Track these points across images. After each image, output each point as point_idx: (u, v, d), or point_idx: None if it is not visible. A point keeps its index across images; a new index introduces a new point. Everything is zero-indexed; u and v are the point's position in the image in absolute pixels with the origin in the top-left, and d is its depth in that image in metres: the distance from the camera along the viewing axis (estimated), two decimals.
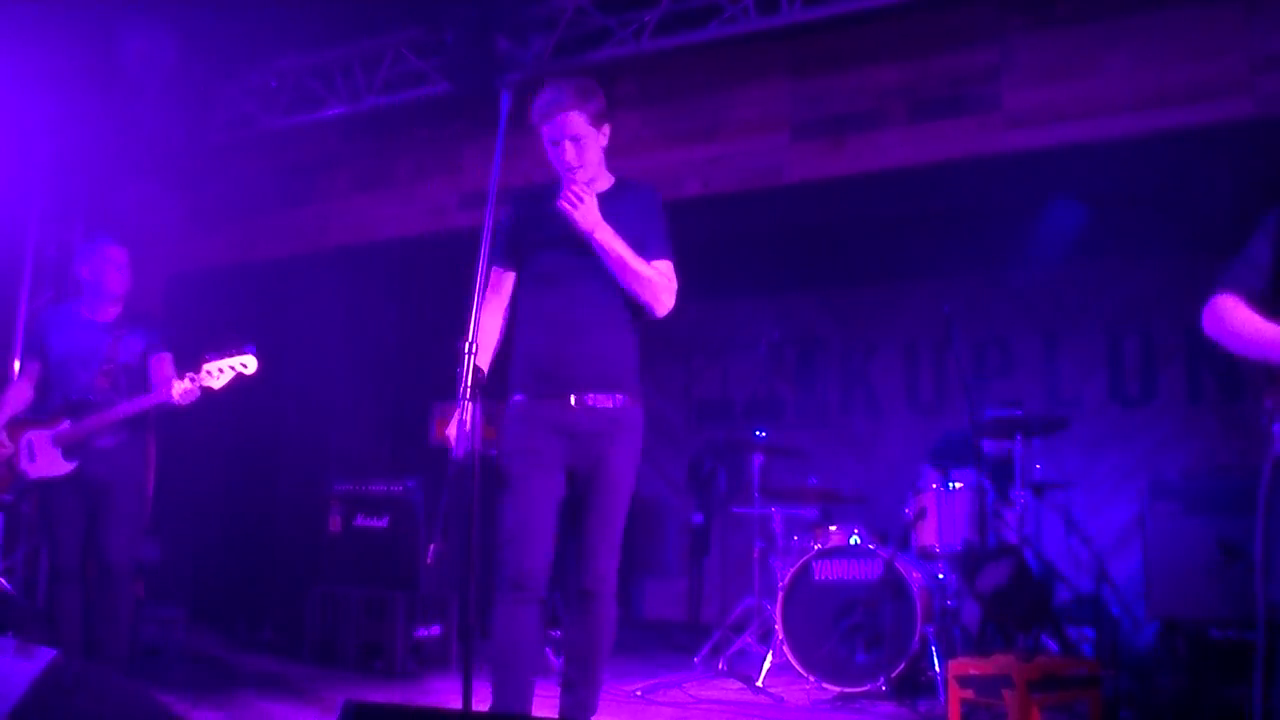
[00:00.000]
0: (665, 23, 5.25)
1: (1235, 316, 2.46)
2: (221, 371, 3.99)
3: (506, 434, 3.07)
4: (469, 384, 2.75)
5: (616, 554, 3.07)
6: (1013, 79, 4.85)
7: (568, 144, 3.04)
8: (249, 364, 4.03)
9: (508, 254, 3.18)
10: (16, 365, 6.33)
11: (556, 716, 3.07)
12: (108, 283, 4.26)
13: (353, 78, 6.04)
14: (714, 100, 5.53)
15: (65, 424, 4.11)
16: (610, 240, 3.00)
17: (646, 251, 3.08)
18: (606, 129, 3.11)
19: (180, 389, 3.96)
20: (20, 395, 4.32)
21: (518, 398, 3.08)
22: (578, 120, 3.03)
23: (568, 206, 3.00)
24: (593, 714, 3.07)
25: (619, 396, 3.05)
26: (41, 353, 4.29)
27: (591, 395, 3.01)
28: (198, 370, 3.99)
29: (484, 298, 2.89)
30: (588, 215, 2.99)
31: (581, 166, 3.06)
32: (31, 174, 6.64)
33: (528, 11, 5.34)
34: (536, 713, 2.97)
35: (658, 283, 3.06)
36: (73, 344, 4.23)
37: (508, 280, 3.19)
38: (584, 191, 3.01)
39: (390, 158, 6.43)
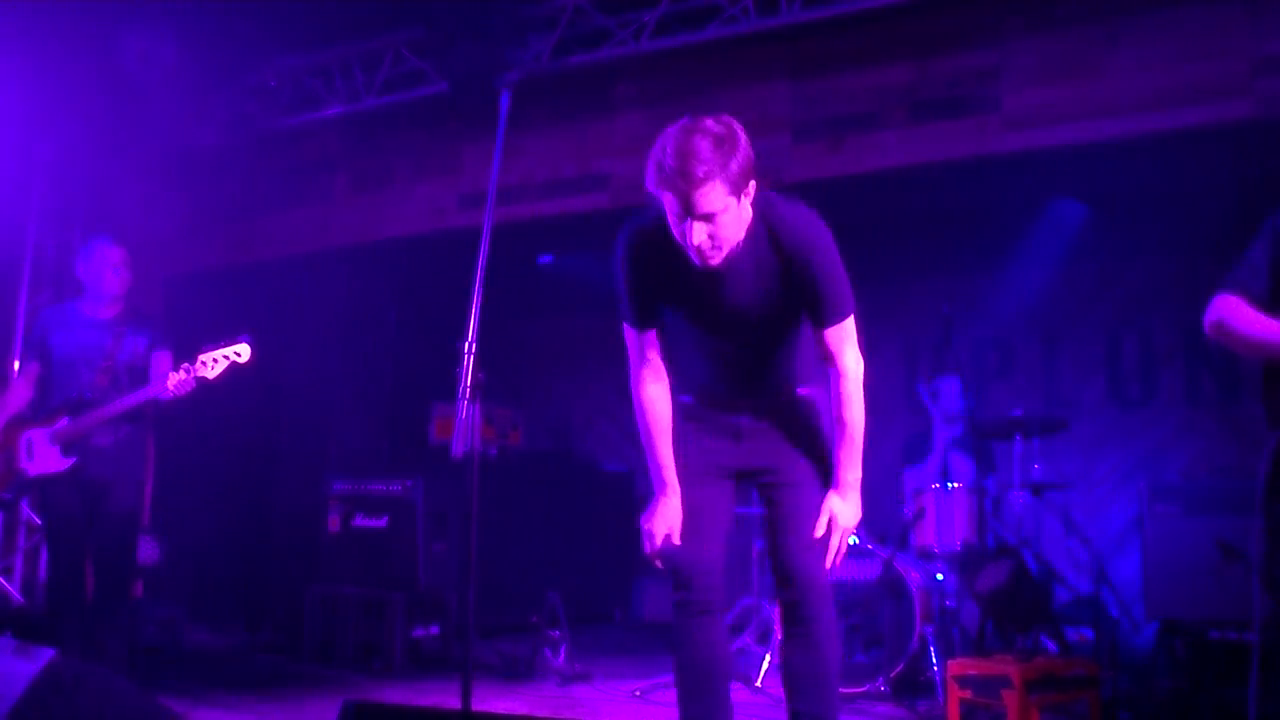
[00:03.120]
0: (665, 23, 5.25)
1: (1237, 316, 2.46)
2: (216, 361, 3.99)
3: None
4: (469, 384, 2.75)
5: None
6: (1012, 80, 4.86)
7: (698, 224, 2.37)
8: (243, 353, 4.02)
9: None
10: (16, 365, 6.34)
11: (554, 716, 3.06)
12: (105, 283, 4.26)
13: (352, 78, 6.04)
14: (713, 101, 5.47)
15: (64, 421, 4.12)
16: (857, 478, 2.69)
17: (821, 319, 2.56)
18: (751, 188, 2.42)
19: (174, 380, 3.96)
20: (20, 395, 4.32)
21: None
22: (715, 193, 2.32)
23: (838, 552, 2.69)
24: None
25: None
26: (42, 352, 4.30)
27: None
28: (193, 362, 3.99)
29: None
30: (849, 531, 2.71)
31: (718, 250, 2.42)
32: (31, 174, 6.64)
33: (528, 11, 5.35)
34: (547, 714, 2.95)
35: (862, 413, 2.66)
36: (73, 343, 4.23)
37: None
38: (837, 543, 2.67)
39: (390, 158, 6.43)
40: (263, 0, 5.39)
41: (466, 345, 2.79)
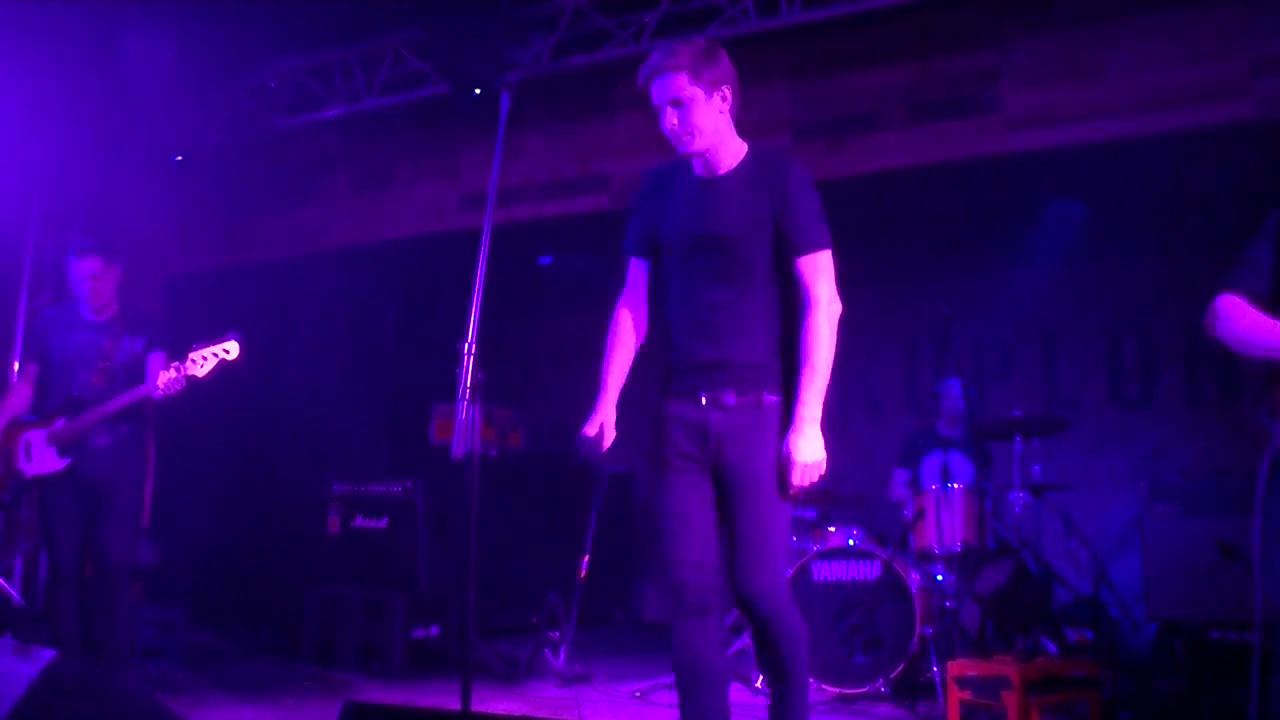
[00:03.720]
0: (665, 24, 5.25)
1: (1238, 316, 2.46)
2: (205, 359, 3.99)
3: None
4: (469, 385, 2.75)
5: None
6: (1012, 81, 4.86)
7: (669, 109, 2.70)
8: (231, 350, 4.02)
9: None
10: (16, 366, 6.34)
11: (554, 716, 3.07)
12: (84, 294, 4.26)
13: (352, 78, 6.04)
14: None
15: (60, 422, 4.13)
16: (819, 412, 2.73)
17: (794, 245, 2.72)
18: (726, 92, 2.73)
19: (164, 379, 3.96)
20: (21, 396, 4.33)
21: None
22: (682, 83, 2.67)
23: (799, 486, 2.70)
24: None
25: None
26: (42, 354, 4.31)
27: None
28: (183, 361, 3.99)
29: None
30: (810, 467, 2.71)
31: (689, 134, 2.71)
32: (31, 175, 6.64)
33: (528, 12, 5.35)
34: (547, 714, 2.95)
35: (831, 343, 2.71)
36: (71, 344, 4.24)
37: None
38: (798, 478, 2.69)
39: (389, 158, 6.44)
40: (263, 1, 5.39)
41: (466, 345, 2.80)
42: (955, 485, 4.95)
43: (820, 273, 2.74)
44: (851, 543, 4.83)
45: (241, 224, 6.87)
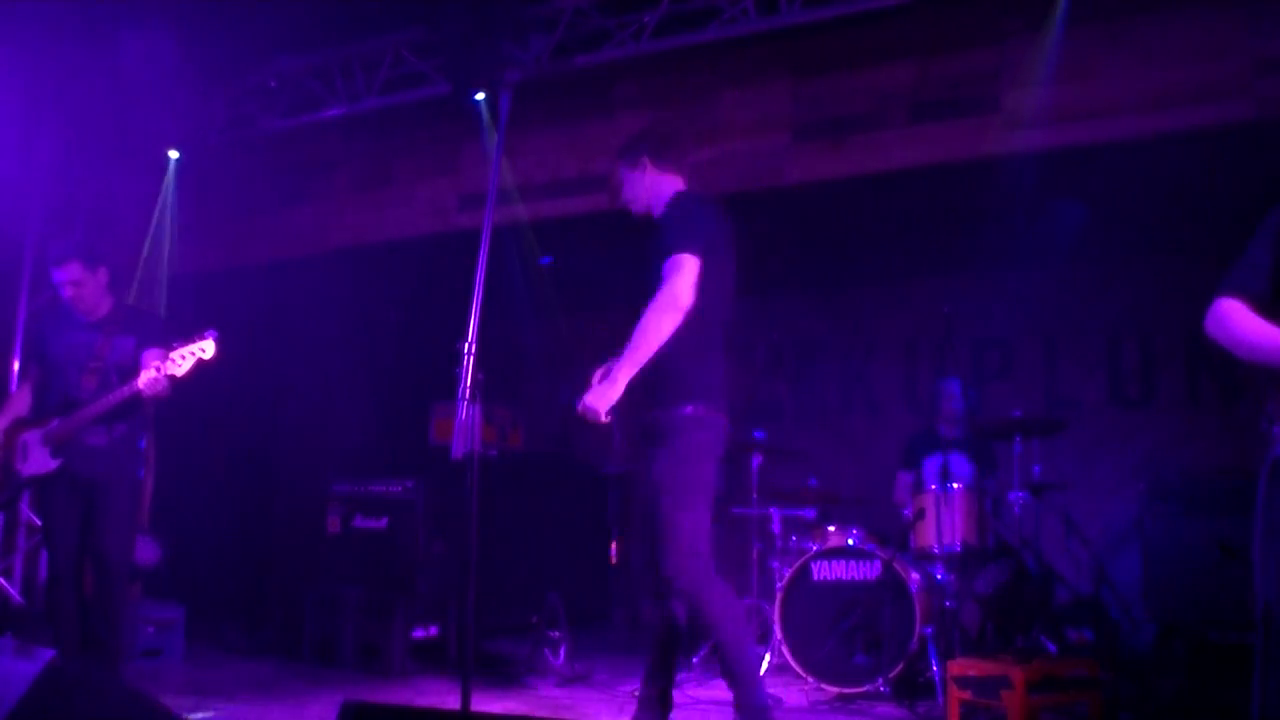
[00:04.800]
0: (665, 24, 5.25)
1: (1237, 320, 2.46)
2: (184, 358, 3.99)
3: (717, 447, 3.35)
4: (469, 384, 2.75)
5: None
6: (1012, 80, 4.86)
7: (611, 191, 3.62)
8: (208, 349, 4.02)
9: None
10: (16, 366, 6.34)
11: (554, 716, 3.08)
12: (69, 302, 4.26)
13: (352, 79, 6.04)
14: (714, 102, 5.53)
15: (55, 422, 4.14)
16: (625, 379, 3.16)
17: (659, 250, 3.27)
18: (644, 162, 3.52)
19: (146, 378, 3.97)
20: (22, 401, 4.34)
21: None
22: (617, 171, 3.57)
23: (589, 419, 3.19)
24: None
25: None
26: (40, 355, 4.32)
27: None
28: (165, 360, 4.00)
29: None
30: (597, 408, 3.17)
31: (627, 203, 3.58)
32: (31, 174, 6.64)
33: (528, 12, 5.34)
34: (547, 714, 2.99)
35: (655, 327, 3.17)
36: (66, 345, 4.25)
37: None
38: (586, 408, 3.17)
39: (389, 159, 6.44)
40: (263, 1, 5.39)
41: (466, 345, 2.80)
42: (955, 485, 4.95)
43: (671, 271, 3.21)
44: (851, 543, 4.83)
45: (241, 223, 6.86)
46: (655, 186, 3.53)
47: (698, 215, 3.35)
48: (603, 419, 3.18)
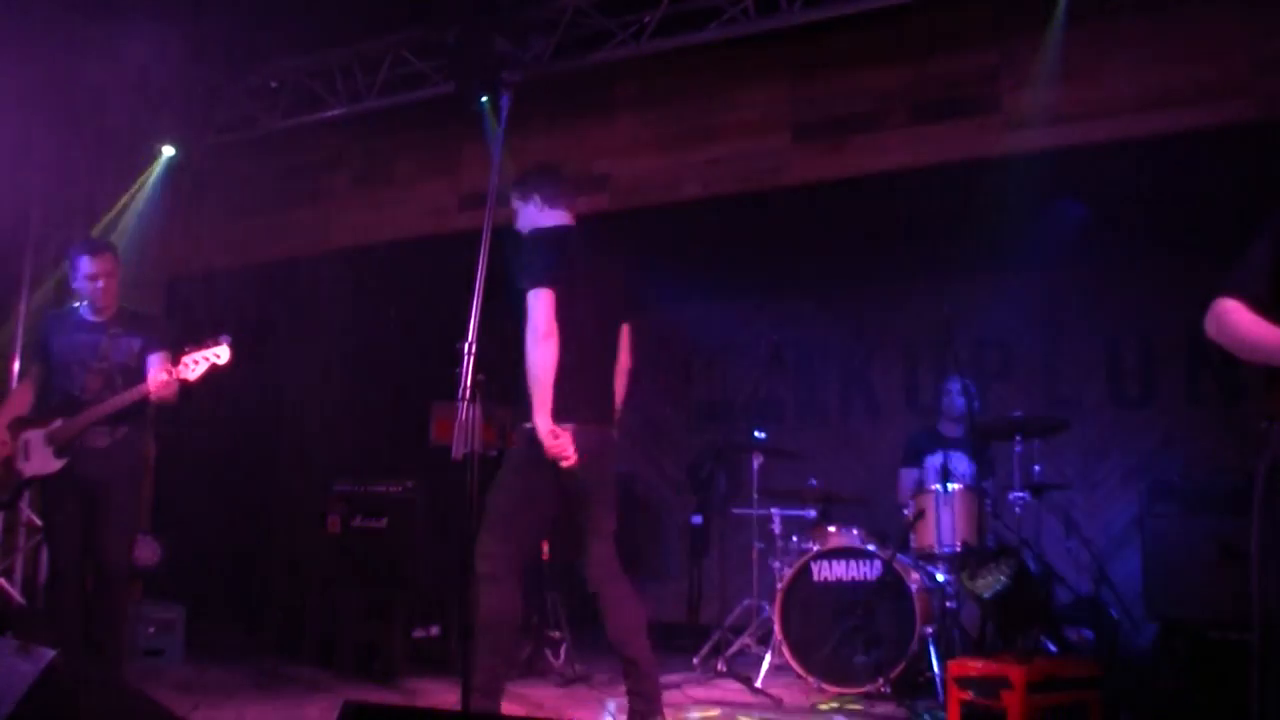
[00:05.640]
0: (665, 24, 5.25)
1: (1237, 320, 2.46)
2: (197, 363, 4.00)
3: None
4: (469, 385, 2.76)
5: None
6: (1012, 80, 4.85)
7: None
8: (222, 354, 4.03)
9: None
10: (16, 365, 6.34)
11: (554, 717, 3.09)
12: (87, 296, 4.27)
13: (352, 79, 6.04)
14: (714, 102, 5.53)
15: (58, 422, 4.14)
16: (540, 413, 3.52)
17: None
18: (535, 198, 3.83)
19: (156, 383, 3.98)
20: (22, 399, 4.34)
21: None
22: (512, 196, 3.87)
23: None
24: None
25: None
26: (43, 355, 4.32)
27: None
28: (176, 364, 4.00)
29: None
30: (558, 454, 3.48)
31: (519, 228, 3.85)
32: (31, 174, 6.64)
33: (528, 13, 5.34)
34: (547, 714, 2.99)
35: (533, 360, 3.58)
36: (70, 345, 4.25)
37: None
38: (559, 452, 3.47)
39: (390, 159, 6.43)
40: (263, 2, 5.39)
41: (466, 345, 2.80)
42: (955, 485, 4.95)
43: (529, 306, 3.59)
44: (851, 543, 4.83)
45: (241, 224, 6.86)
46: (536, 221, 3.83)
47: (548, 250, 3.64)
48: (571, 459, 3.47)
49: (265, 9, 5.43)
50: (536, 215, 3.84)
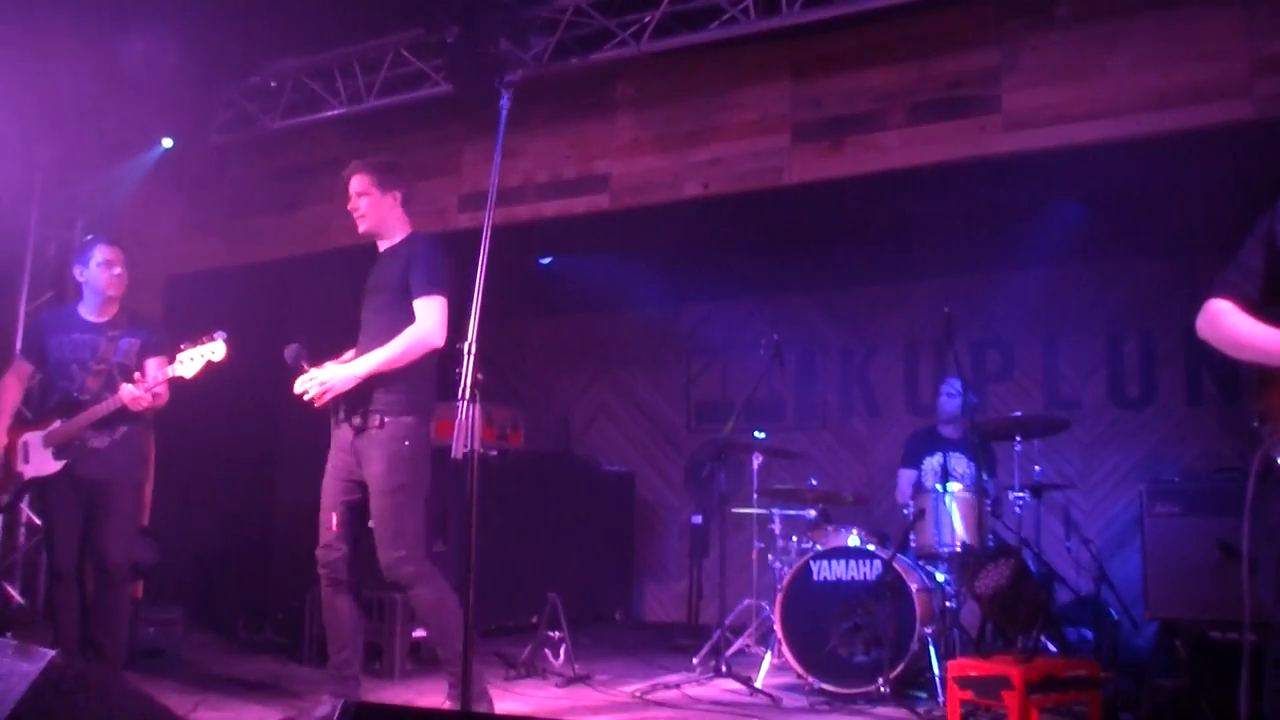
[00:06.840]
0: (665, 24, 5.25)
1: (1228, 320, 2.47)
2: (192, 360, 4.00)
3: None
4: (469, 384, 2.76)
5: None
6: (1012, 81, 4.86)
7: (354, 198, 3.93)
8: (217, 351, 4.03)
9: None
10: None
11: (553, 717, 3.08)
12: (102, 284, 4.27)
13: (352, 79, 6.04)
14: (714, 102, 5.53)
15: (56, 423, 4.14)
16: (354, 376, 3.76)
17: (411, 294, 3.73)
18: (396, 194, 3.92)
19: (129, 394, 3.99)
20: (10, 392, 4.32)
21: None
22: (363, 181, 3.91)
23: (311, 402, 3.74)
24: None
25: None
26: (40, 355, 4.31)
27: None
28: (171, 360, 4.01)
29: None
30: (325, 394, 3.77)
31: (364, 218, 3.95)
32: (31, 174, 6.64)
33: (528, 12, 5.34)
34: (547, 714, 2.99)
35: (405, 349, 3.68)
36: (69, 345, 4.25)
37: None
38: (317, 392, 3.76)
39: (390, 159, 6.42)
40: (263, 2, 5.39)
41: (466, 345, 2.80)
42: (955, 485, 4.95)
43: (423, 312, 3.71)
44: (851, 543, 4.83)
45: (241, 224, 6.87)
46: (389, 217, 3.93)
47: (445, 259, 3.80)
48: (320, 401, 3.75)
49: (265, 9, 5.43)
50: (388, 210, 3.94)
